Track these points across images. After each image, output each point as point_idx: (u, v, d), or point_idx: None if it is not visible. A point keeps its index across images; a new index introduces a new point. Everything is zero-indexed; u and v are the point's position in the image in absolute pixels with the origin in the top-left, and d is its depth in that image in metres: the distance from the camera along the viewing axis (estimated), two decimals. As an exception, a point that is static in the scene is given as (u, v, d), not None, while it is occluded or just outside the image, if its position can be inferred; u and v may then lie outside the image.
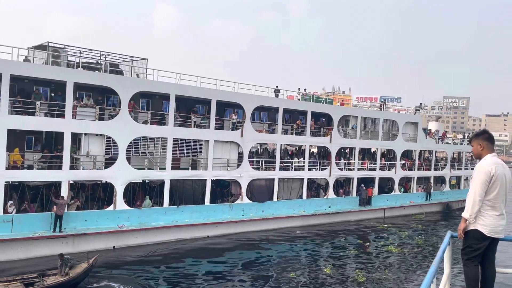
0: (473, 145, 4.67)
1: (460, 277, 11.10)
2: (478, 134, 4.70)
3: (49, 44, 20.43)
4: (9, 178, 18.53)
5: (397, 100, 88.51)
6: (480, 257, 4.51)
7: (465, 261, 4.53)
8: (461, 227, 4.53)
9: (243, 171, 25.79)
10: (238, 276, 18.63)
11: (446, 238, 4.57)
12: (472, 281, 4.46)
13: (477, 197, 4.40)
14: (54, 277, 15.44)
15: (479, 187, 4.39)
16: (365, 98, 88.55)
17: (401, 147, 35.07)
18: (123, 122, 21.06)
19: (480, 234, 4.44)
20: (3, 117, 17.97)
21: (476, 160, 4.66)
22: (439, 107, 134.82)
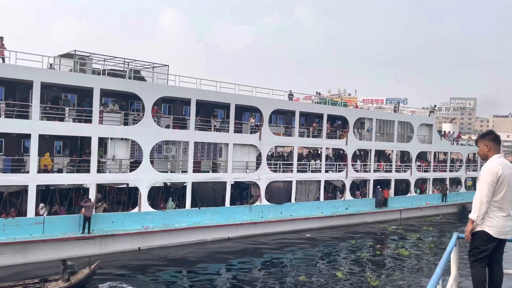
0: (480, 146, 4.64)
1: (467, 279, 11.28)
2: (484, 135, 4.66)
3: (76, 52, 21.21)
4: (41, 182, 19.27)
5: (404, 101, 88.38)
6: (488, 258, 4.46)
7: (472, 263, 4.47)
8: (468, 229, 4.49)
9: (261, 174, 26.30)
10: (247, 279, 18.70)
11: (453, 240, 4.53)
12: (479, 283, 4.42)
13: (484, 198, 4.36)
14: (55, 282, 15.54)
15: (486, 188, 4.36)
16: (371, 100, 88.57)
17: (416, 149, 35.30)
18: (147, 126, 21.75)
19: (487, 235, 4.40)
20: (34, 123, 18.76)
21: (483, 161, 4.65)
22: (446, 108, 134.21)
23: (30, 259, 18.60)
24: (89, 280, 16.00)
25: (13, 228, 18.23)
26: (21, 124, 18.59)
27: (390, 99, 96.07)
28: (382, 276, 19.54)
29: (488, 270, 4.49)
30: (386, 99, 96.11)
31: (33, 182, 18.80)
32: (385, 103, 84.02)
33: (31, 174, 18.75)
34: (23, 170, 19.09)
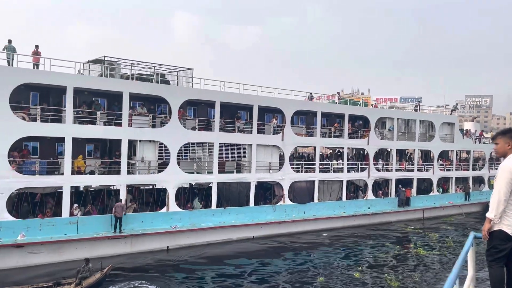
0: (499, 142, 4.53)
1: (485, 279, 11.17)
2: (505, 132, 4.54)
3: (105, 58, 21.95)
4: (74, 183, 20.04)
5: (418, 100, 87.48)
6: (506, 258, 4.36)
7: (490, 262, 4.38)
8: (485, 228, 4.40)
9: (284, 174, 26.67)
10: (268, 278, 18.83)
11: (469, 239, 4.48)
12: (497, 283, 4.33)
13: (502, 196, 4.27)
14: (68, 286, 15.75)
15: (504, 187, 4.26)
16: (385, 99, 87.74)
17: (438, 148, 35.17)
18: (174, 128, 22.35)
19: (505, 234, 4.32)
20: (68, 127, 19.54)
21: (501, 158, 4.56)
22: (461, 106, 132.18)
23: (65, 257, 19.34)
24: (100, 284, 15.98)
25: (49, 228, 19.01)
26: (56, 128, 19.39)
27: (404, 97, 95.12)
28: (401, 276, 19.44)
29: (506, 270, 4.39)
30: (400, 98, 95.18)
31: (67, 184, 19.57)
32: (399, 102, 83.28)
33: (65, 175, 19.52)
34: (57, 172, 19.88)
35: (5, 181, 18.09)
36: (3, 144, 18.04)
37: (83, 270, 15.80)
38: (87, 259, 16.36)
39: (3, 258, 18.06)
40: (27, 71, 19.08)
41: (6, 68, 18.43)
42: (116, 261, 19.88)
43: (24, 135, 18.70)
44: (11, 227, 18.19)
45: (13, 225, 18.25)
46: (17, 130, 18.33)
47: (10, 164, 18.32)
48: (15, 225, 18.31)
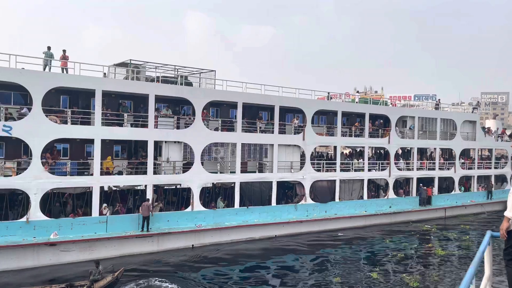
0: None
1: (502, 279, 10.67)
2: None
3: (131, 61, 22.53)
4: (103, 183, 20.66)
5: (432, 98, 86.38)
6: None
7: (508, 262, 4.34)
8: (503, 227, 4.33)
9: (306, 173, 26.90)
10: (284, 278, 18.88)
11: (486, 238, 4.42)
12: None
13: None
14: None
15: None
16: (398, 97, 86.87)
17: (460, 146, 34.91)
18: (197, 129, 22.81)
19: None
20: (97, 129, 20.16)
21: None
22: (469, 103, 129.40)
23: (95, 255, 19.91)
24: (112, 287, 15.78)
25: (80, 227, 19.66)
26: (86, 130, 20.03)
27: (418, 95, 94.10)
28: (419, 276, 19.21)
29: None
30: (414, 96, 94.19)
31: (97, 184, 20.20)
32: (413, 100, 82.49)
33: (95, 176, 20.15)
34: (87, 173, 20.53)
35: (39, 182, 18.80)
36: (36, 146, 18.74)
37: (95, 273, 15.64)
38: (97, 261, 16.17)
39: (37, 256, 18.78)
40: (58, 76, 19.77)
41: (39, 73, 19.12)
42: (143, 259, 20.49)
43: (56, 137, 19.39)
44: (44, 226, 18.89)
45: (46, 224, 18.95)
46: (49, 132, 19.02)
47: (43, 166, 19.01)
48: (48, 224, 19.00)
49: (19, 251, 18.38)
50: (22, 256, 18.43)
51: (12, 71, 18.27)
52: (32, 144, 18.72)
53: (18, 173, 18.76)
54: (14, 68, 18.37)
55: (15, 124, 18.42)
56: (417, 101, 71.01)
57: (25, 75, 18.49)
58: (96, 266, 15.87)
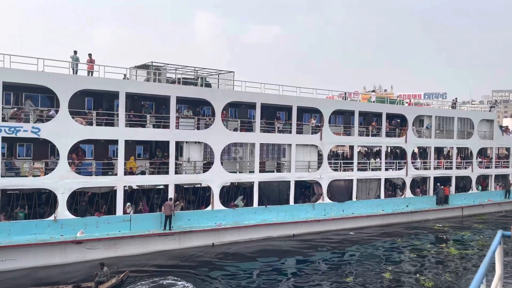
0: None
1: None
2: None
3: (153, 63, 23.02)
4: (127, 183, 21.20)
5: (443, 96, 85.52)
6: None
7: None
8: None
9: (323, 173, 27.14)
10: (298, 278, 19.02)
11: (497, 238, 4.39)
12: None
13: None
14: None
15: None
16: (408, 95, 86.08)
17: (477, 145, 34.77)
18: (217, 130, 23.22)
19: None
20: (121, 130, 20.70)
21: None
22: (488, 101, 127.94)
23: (119, 253, 20.53)
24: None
25: (105, 225, 20.23)
26: (110, 131, 20.58)
27: (428, 93, 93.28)
28: (432, 276, 19.18)
29: None
30: (424, 94, 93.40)
31: (121, 183, 20.75)
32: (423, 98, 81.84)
33: (119, 176, 20.70)
34: (111, 173, 21.08)
35: (66, 182, 19.40)
36: (63, 147, 19.34)
37: (100, 275, 15.57)
38: (102, 263, 16.13)
39: (64, 253, 19.40)
40: (84, 78, 20.35)
41: (66, 76, 19.70)
42: (164, 257, 20.96)
43: (82, 138, 19.97)
44: (71, 224, 19.50)
45: (73, 223, 19.55)
46: (76, 133, 19.61)
47: (69, 166, 19.61)
48: (74, 222, 19.60)
49: (48, 248, 19.02)
50: (50, 253, 19.07)
51: (40, 74, 18.88)
52: (59, 145, 19.33)
53: (46, 173, 19.39)
54: (42, 71, 18.97)
55: (43, 126, 19.03)
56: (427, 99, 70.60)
57: (53, 78, 19.08)
58: (100, 267, 15.83)
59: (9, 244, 18.13)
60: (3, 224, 18.29)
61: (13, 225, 18.50)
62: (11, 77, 18.37)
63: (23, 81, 18.78)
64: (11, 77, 18.36)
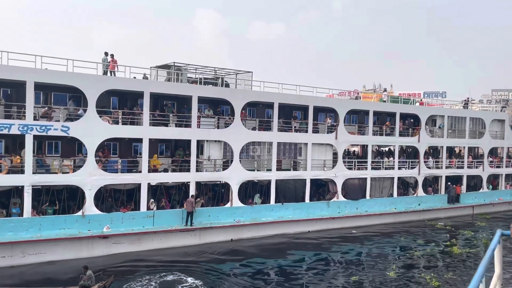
0: None
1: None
2: None
3: (175, 64, 23.62)
4: (151, 180, 21.87)
5: (442, 95, 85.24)
6: None
7: None
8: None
9: (338, 171, 27.71)
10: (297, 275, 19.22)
11: (496, 237, 4.38)
12: None
13: None
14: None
15: None
16: (407, 94, 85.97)
17: (488, 145, 35.19)
18: (237, 129, 23.83)
19: None
20: (145, 128, 21.36)
21: None
22: (487, 100, 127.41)
23: (143, 248, 21.25)
24: None
25: (130, 221, 20.94)
26: (135, 130, 21.26)
27: (428, 92, 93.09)
28: (435, 274, 19.30)
29: None
30: (423, 93, 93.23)
31: (145, 181, 21.43)
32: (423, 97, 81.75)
33: (143, 173, 21.38)
34: (135, 170, 21.76)
35: (93, 178, 20.11)
36: (91, 145, 20.03)
37: (86, 278, 15.12)
38: (85, 266, 15.57)
39: (91, 247, 20.13)
40: (111, 79, 21.01)
41: (94, 76, 20.35)
42: (184, 252, 21.56)
43: (109, 136, 20.65)
44: (98, 220, 20.22)
45: (99, 218, 20.27)
46: (103, 132, 20.29)
47: (96, 163, 20.30)
48: (101, 218, 20.32)
49: (76, 243, 19.76)
50: (78, 247, 19.81)
51: (70, 74, 19.55)
52: (87, 143, 20.02)
53: (74, 170, 20.09)
54: (72, 72, 19.63)
55: (72, 124, 19.71)
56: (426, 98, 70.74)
57: (82, 78, 19.74)
58: (84, 271, 15.37)
59: (40, 238, 18.89)
60: (34, 219, 19.03)
61: (43, 220, 19.24)
62: (43, 78, 19.04)
63: (54, 81, 19.45)
64: (43, 77, 19.03)
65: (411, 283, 18.62)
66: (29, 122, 18.71)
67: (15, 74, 18.61)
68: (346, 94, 41.81)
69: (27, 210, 18.89)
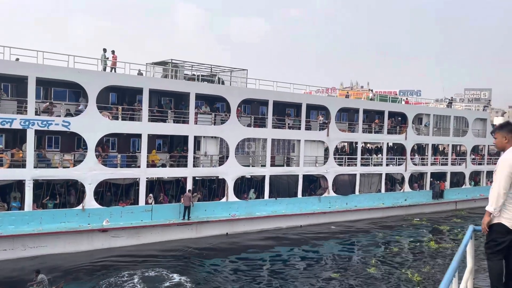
0: (497, 137, 4.53)
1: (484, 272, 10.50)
2: (503, 126, 4.56)
3: (172, 61, 24.01)
4: (149, 175, 22.29)
5: (417, 93, 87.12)
6: (505, 251, 4.38)
7: (489, 255, 4.38)
8: (485, 221, 4.39)
9: (329, 167, 28.56)
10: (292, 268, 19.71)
11: (469, 232, 4.45)
12: (496, 276, 4.35)
13: (501, 190, 4.27)
14: None
15: (503, 180, 4.26)
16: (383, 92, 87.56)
17: (471, 143, 36.59)
18: (233, 125, 24.40)
19: (505, 227, 4.31)
20: (144, 124, 21.74)
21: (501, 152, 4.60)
22: (460, 99, 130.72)
23: (141, 241, 21.68)
24: None
25: (128, 215, 21.33)
26: (135, 126, 21.62)
27: (403, 91, 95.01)
28: (414, 270, 19.50)
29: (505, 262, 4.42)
30: (399, 91, 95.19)
31: (143, 175, 21.84)
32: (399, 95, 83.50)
33: (142, 168, 21.78)
34: (134, 165, 22.14)
35: (93, 173, 20.43)
36: (91, 140, 20.34)
37: (37, 284, 14.52)
38: (37, 270, 15.16)
39: (91, 240, 20.48)
40: (111, 75, 21.32)
41: (95, 72, 20.63)
42: (180, 245, 22.02)
43: (109, 132, 20.98)
44: (97, 213, 20.56)
45: (99, 212, 20.62)
46: (103, 127, 20.60)
47: (96, 158, 20.62)
48: (100, 212, 20.67)
49: (76, 236, 20.07)
50: (79, 240, 20.13)
51: (71, 70, 19.79)
52: (88, 138, 20.31)
53: (74, 165, 20.37)
54: (73, 68, 19.87)
55: (73, 120, 19.98)
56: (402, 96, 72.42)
57: (83, 74, 20.00)
58: (36, 275, 14.87)
59: (41, 231, 19.15)
60: (36, 213, 19.28)
61: (44, 213, 19.50)
62: (44, 73, 19.24)
63: (55, 77, 19.68)
64: (44, 73, 19.23)
65: (393, 279, 18.57)
66: (30, 117, 18.92)
67: (17, 69, 18.77)
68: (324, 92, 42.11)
69: (28, 204, 19.11)
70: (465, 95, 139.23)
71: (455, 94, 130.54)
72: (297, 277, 18.75)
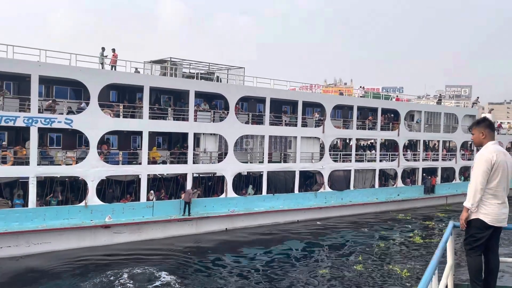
0: (474, 133, 4.58)
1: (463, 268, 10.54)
2: (479, 122, 4.60)
3: (171, 59, 24.31)
4: (150, 172, 22.60)
5: (399, 90, 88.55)
6: (483, 246, 4.41)
7: (468, 251, 4.42)
8: (463, 217, 4.42)
9: (325, 163, 29.16)
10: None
11: (448, 228, 4.50)
12: (475, 271, 4.39)
13: (478, 185, 4.29)
14: None
15: (480, 176, 4.29)
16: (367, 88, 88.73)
17: (461, 139, 37.55)
18: (231, 123, 24.81)
19: (483, 223, 4.34)
20: (145, 122, 22.03)
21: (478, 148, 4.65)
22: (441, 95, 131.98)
23: (143, 237, 21.98)
24: None
25: (130, 211, 21.64)
26: (136, 123, 21.91)
27: (386, 87, 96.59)
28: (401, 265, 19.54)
29: (484, 258, 4.47)
30: (382, 88, 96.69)
31: (144, 172, 22.14)
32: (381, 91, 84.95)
33: (143, 165, 22.08)
34: (135, 162, 22.43)
35: (96, 170, 20.67)
36: (93, 138, 20.57)
37: None
38: None
39: (94, 237, 20.73)
40: (113, 73, 21.55)
41: (97, 71, 20.86)
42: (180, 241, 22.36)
43: (110, 129, 21.23)
44: (100, 210, 20.82)
45: (101, 209, 20.88)
46: (105, 125, 20.85)
47: (98, 155, 20.87)
48: (103, 208, 20.93)
49: (79, 232, 20.32)
50: (82, 236, 20.37)
51: (73, 68, 19.99)
52: (90, 136, 20.54)
53: (77, 162, 20.60)
54: (75, 66, 20.08)
55: (75, 117, 20.19)
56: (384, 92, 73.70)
57: (85, 72, 20.22)
58: None
59: (45, 228, 19.36)
60: (39, 209, 19.47)
61: (48, 210, 19.70)
62: (47, 71, 19.42)
63: (57, 75, 19.86)
64: (47, 71, 19.41)
65: (380, 275, 18.46)
66: (34, 115, 19.09)
67: (20, 68, 18.93)
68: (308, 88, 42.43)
69: (32, 201, 19.30)
70: (446, 91, 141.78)
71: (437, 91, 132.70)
72: (290, 271, 18.72)
